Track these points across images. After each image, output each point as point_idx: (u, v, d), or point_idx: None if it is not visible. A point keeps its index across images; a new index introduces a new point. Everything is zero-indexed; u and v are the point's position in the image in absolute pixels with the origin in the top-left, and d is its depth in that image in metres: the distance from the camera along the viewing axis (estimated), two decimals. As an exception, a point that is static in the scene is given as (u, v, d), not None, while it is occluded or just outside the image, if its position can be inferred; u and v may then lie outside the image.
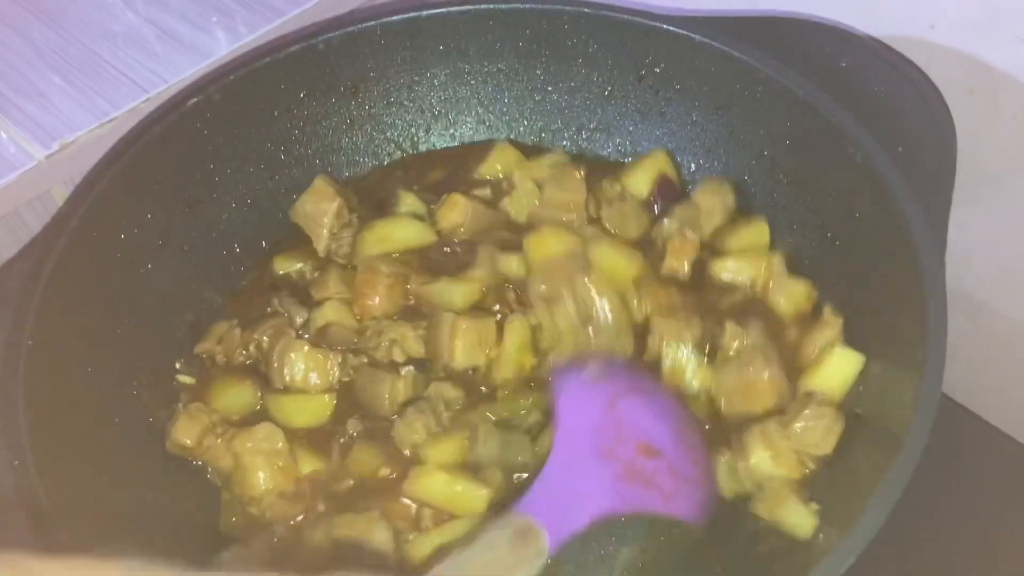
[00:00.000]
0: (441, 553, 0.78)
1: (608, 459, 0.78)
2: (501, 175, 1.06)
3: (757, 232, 0.98)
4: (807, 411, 0.80)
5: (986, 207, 0.96)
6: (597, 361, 0.86)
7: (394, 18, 1.01)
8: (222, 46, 1.06)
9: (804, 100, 0.90)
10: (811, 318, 0.91)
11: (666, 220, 0.98)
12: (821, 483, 0.81)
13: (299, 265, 1.01)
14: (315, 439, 0.88)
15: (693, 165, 1.05)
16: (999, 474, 0.94)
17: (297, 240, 1.02)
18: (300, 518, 0.84)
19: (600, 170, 1.05)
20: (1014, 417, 0.99)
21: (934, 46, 0.90)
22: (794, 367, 0.88)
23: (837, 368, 0.84)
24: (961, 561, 0.87)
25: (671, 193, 1.02)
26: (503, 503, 0.80)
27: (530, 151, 1.09)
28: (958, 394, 0.98)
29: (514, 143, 1.09)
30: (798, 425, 0.80)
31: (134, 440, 0.87)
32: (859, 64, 0.91)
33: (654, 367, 0.88)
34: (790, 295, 0.92)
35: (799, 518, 0.78)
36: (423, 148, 1.11)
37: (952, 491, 0.90)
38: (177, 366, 0.93)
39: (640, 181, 1.03)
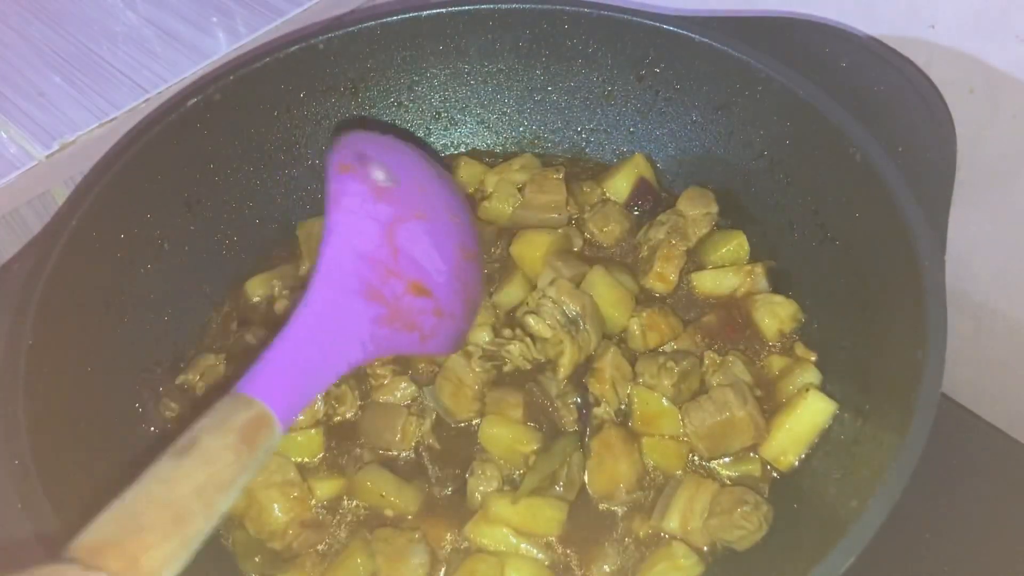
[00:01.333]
0: None
1: (373, 300, 0.66)
2: (472, 189, 1.08)
3: (737, 245, 0.99)
4: (737, 512, 0.79)
5: (986, 207, 0.96)
6: (388, 157, 0.72)
7: (394, 18, 1.01)
8: (222, 46, 1.06)
9: (804, 100, 0.89)
10: (793, 351, 0.92)
11: (653, 228, 0.99)
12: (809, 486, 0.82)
13: (267, 290, 0.99)
14: (323, 465, 0.88)
15: (693, 165, 1.05)
16: (999, 474, 0.94)
17: (278, 259, 1.02)
18: (322, 546, 0.83)
19: (579, 174, 1.07)
20: (1014, 417, 0.99)
21: (934, 46, 0.90)
22: (772, 402, 0.89)
23: (809, 412, 0.84)
24: (961, 561, 0.87)
25: (650, 195, 1.04)
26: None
27: (496, 158, 1.11)
28: (958, 394, 0.98)
29: (475, 154, 1.11)
30: (712, 520, 0.80)
31: (134, 440, 0.88)
32: (859, 64, 0.91)
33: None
34: (774, 314, 0.93)
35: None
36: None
37: (952, 491, 0.89)
38: (161, 390, 0.92)
39: (620, 185, 1.05)
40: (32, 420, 0.74)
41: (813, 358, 0.90)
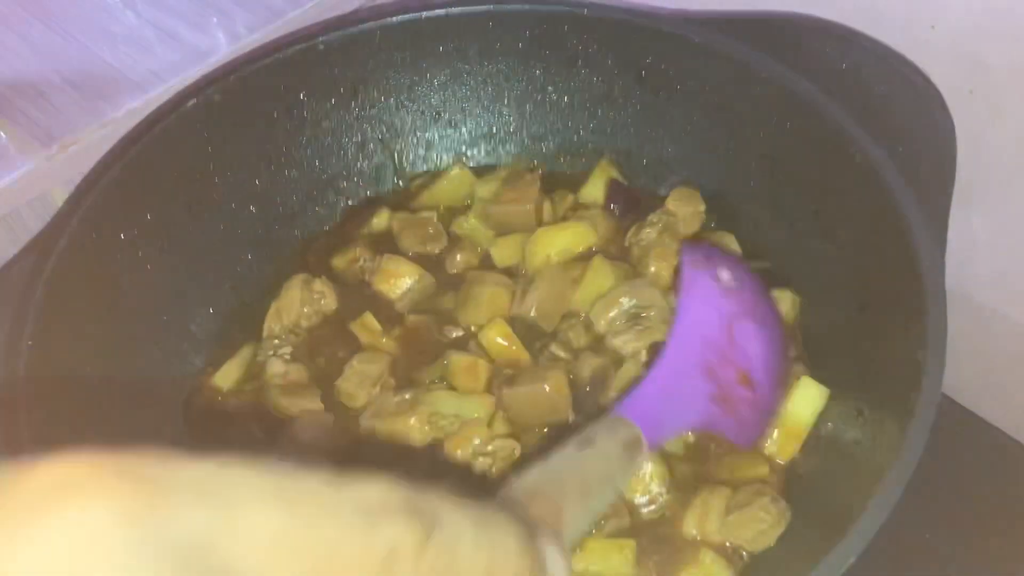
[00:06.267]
0: None
1: (709, 378, 0.76)
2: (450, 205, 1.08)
3: (727, 243, 0.99)
4: (756, 504, 0.80)
5: (986, 207, 0.96)
6: (731, 266, 0.83)
7: (394, 19, 1.01)
8: (222, 46, 1.06)
9: (804, 100, 0.90)
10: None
11: (645, 229, 1.00)
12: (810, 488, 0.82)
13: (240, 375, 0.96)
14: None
15: (693, 164, 1.05)
16: (999, 474, 0.94)
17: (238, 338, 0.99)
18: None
19: (555, 184, 1.08)
20: (1014, 417, 0.99)
21: (935, 47, 0.90)
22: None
23: (803, 399, 0.85)
24: (961, 561, 0.87)
25: (624, 195, 1.05)
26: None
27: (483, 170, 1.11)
28: (958, 394, 0.98)
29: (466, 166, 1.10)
30: (729, 518, 0.81)
31: (134, 440, 0.87)
32: (859, 65, 0.92)
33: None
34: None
35: None
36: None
37: (952, 491, 0.89)
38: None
39: (593, 190, 1.06)
40: (32, 421, 0.74)
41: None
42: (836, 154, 0.87)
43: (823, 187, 0.91)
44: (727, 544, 0.81)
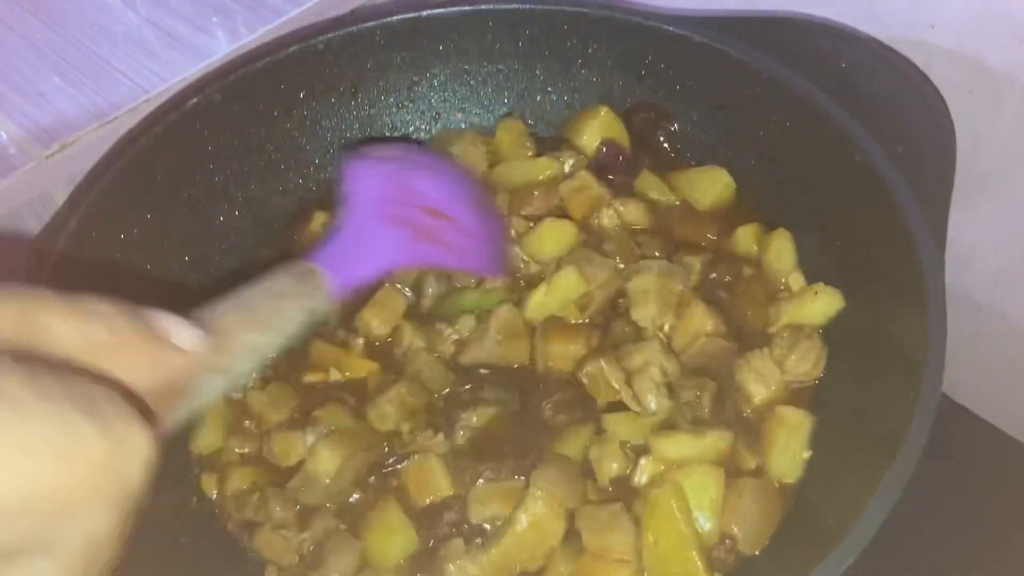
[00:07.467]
0: None
1: (398, 223, 0.83)
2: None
3: (723, 185, 1.01)
4: (795, 348, 0.86)
5: (986, 207, 0.97)
6: (385, 147, 0.93)
7: (394, 18, 1.01)
8: (222, 46, 1.06)
9: (804, 100, 0.90)
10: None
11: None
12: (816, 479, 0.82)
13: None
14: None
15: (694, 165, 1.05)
16: (999, 474, 0.94)
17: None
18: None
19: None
20: (1014, 417, 0.99)
21: (934, 46, 0.90)
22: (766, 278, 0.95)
23: (822, 306, 0.89)
24: (961, 561, 0.87)
25: (617, 157, 1.04)
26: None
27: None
28: (958, 394, 0.98)
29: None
30: (788, 361, 0.87)
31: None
32: (859, 64, 0.92)
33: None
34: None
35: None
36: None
37: (952, 491, 0.89)
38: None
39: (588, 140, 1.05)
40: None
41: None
42: (836, 154, 0.87)
43: (823, 187, 0.91)
44: (789, 385, 0.87)
